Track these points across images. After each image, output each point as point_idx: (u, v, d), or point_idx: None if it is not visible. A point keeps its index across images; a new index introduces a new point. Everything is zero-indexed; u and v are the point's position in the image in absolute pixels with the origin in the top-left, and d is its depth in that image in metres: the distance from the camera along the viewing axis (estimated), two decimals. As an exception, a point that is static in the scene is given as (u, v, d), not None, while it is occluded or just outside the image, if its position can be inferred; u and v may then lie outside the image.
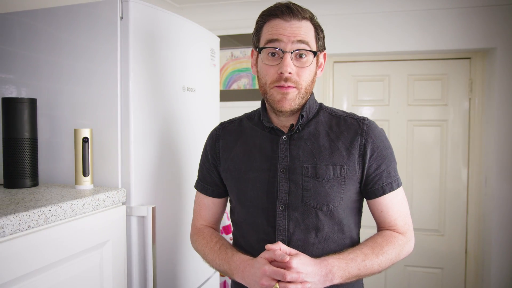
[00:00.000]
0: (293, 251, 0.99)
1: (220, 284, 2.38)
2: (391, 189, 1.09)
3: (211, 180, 1.23)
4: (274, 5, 1.05)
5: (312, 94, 1.14)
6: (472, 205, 2.73)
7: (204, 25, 1.72)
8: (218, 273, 1.91)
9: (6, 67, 1.41)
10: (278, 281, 0.93)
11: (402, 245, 1.08)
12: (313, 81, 1.09)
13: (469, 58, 2.72)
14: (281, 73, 1.02)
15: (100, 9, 1.28)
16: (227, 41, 2.90)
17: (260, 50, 1.07)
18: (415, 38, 2.63)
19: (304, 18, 1.04)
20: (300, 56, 1.04)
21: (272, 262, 0.97)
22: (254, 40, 1.12)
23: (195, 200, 1.29)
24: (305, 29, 1.03)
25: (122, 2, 1.25)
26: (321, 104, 1.17)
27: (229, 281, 2.57)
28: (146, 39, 1.32)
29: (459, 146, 2.75)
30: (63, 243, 1.00)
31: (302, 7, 1.06)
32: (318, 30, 1.08)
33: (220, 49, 1.93)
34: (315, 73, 1.09)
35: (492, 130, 2.55)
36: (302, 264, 0.95)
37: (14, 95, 1.41)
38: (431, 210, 2.79)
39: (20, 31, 1.39)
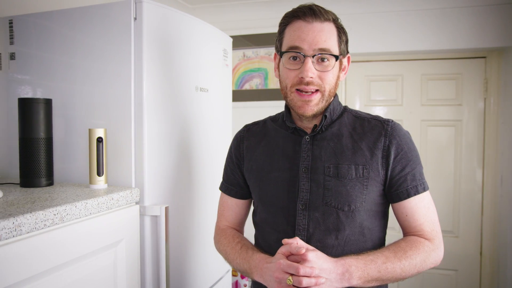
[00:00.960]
0: (310, 247, 0.97)
1: (232, 284, 2.38)
2: (416, 192, 1.06)
3: (235, 181, 1.24)
4: (297, 7, 1.05)
5: (336, 96, 1.13)
6: (487, 206, 2.69)
7: (216, 25, 1.72)
8: (230, 273, 1.91)
9: (22, 68, 1.43)
10: (292, 275, 0.92)
11: (428, 251, 1.03)
12: (336, 84, 1.08)
13: (484, 57, 2.68)
14: (302, 77, 1.02)
15: (114, 10, 1.29)
16: (239, 41, 2.90)
17: (282, 54, 1.07)
18: (429, 37, 2.60)
19: (326, 20, 1.03)
20: (322, 60, 1.03)
21: (289, 256, 0.96)
22: (277, 44, 1.12)
23: (219, 201, 1.30)
24: (327, 33, 1.02)
25: (136, 3, 1.26)
26: (345, 106, 1.16)
27: (240, 281, 2.57)
28: (160, 40, 1.33)
29: (474, 146, 2.71)
30: (78, 242, 1.01)
31: (326, 9, 1.05)
32: (341, 32, 1.06)
33: (232, 49, 1.93)
34: (338, 76, 1.08)
35: (508, 130, 2.51)
36: (318, 259, 0.93)
37: (29, 95, 1.43)
38: (445, 211, 2.76)
39: (35, 33, 1.41)
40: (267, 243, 1.14)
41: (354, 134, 1.09)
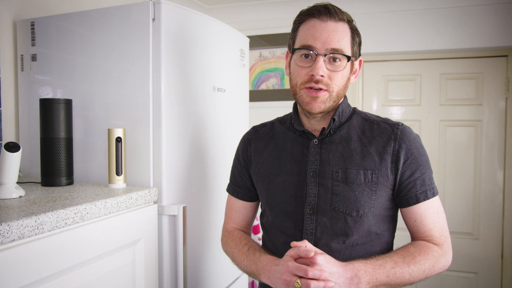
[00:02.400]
0: (318, 250, 0.97)
1: (249, 284, 2.38)
2: (426, 197, 1.04)
3: (242, 183, 1.24)
4: (313, 5, 1.05)
5: (345, 98, 1.13)
6: (508, 208, 2.63)
7: (233, 26, 1.73)
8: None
9: (43, 69, 1.46)
10: (301, 277, 0.91)
11: (437, 257, 1.02)
12: (345, 86, 1.07)
13: (505, 55, 2.62)
14: (312, 75, 1.01)
15: (133, 12, 1.30)
16: (256, 41, 2.90)
17: (293, 51, 1.07)
18: (448, 36, 2.56)
19: (341, 20, 1.02)
20: (334, 60, 1.02)
21: (297, 259, 0.95)
22: (289, 42, 1.11)
23: (226, 203, 1.30)
24: (341, 33, 1.02)
25: (154, 4, 1.27)
26: (354, 108, 1.15)
27: (257, 282, 2.57)
28: (178, 40, 1.33)
29: (495, 147, 2.66)
30: (97, 240, 1.03)
31: (341, 9, 1.04)
32: (355, 34, 1.05)
33: (249, 49, 1.93)
34: (348, 78, 1.07)
35: (530, 131, 2.45)
36: (327, 263, 0.92)
37: (50, 96, 1.45)
38: (465, 212, 2.71)
39: (56, 34, 1.43)
40: (275, 246, 1.13)
41: (363, 137, 1.07)
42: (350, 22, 1.05)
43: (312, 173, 1.07)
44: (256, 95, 2.97)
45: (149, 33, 1.27)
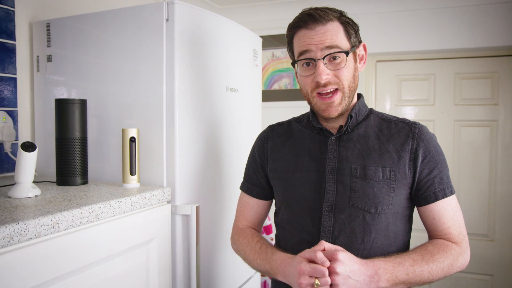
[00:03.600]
0: (338, 247, 0.96)
1: (261, 283, 2.38)
2: (444, 195, 1.04)
3: (257, 181, 1.23)
4: (297, 15, 1.06)
5: (362, 97, 1.14)
6: (524, 209, 2.59)
7: (245, 26, 1.73)
8: (259, 273, 1.91)
9: (58, 70, 1.48)
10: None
11: (456, 255, 1.02)
12: (355, 77, 1.07)
13: (522, 55, 2.58)
14: (317, 81, 1.03)
15: (146, 12, 1.31)
16: (268, 41, 2.90)
17: (294, 64, 1.10)
18: (463, 35, 2.53)
19: (329, 20, 1.03)
20: (334, 58, 1.03)
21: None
22: (290, 55, 1.14)
23: (238, 201, 1.30)
24: (332, 32, 1.02)
25: (168, 5, 1.28)
26: (371, 109, 1.16)
27: (269, 281, 2.56)
28: (191, 41, 1.34)
29: (511, 147, 2.62)
30: (112, 239, 1.03)
31: (326, 9, 1.04)
32: (348, 26, 1.05)
33: (262, 49, 1.93)
34: (355, 69, 1.07)
35: (547, 131, 2.41)
36: (348, 260, 0.92)
37: (65, 96, 1.47)
38: (480, 214, 2.68)
39: (71, 35, 1.45)
40: (289, 244, 1.13)
41: (381, 136, 1.08)
42: (339, 17, 1.05)
43: (330, 170, 1.07)
44: (269, 95, 2.96)
45: (163, 33, 1.28)
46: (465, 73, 2.69)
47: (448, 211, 1.05)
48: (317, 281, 0.90)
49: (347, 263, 0.91)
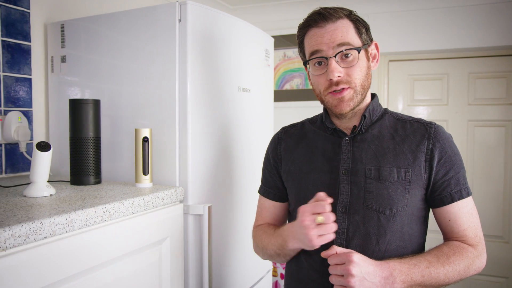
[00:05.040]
0: (352, 251, 0.95)
1: (273, 283, 2.38)
2: (461, 197, 1.02)
3: (273, 184, 1.23)
4: (308, 15, 1.06)
5: (376, 97, 1.13)
6: (540, 211, 2.55)
7: (257, 26, 1.73)
8: (270, 273, 1.91)
9: (72, 70, 1.49)
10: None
11: (472, 258, 1.00)
12: (367, 76, 1.06)
13: (538, 53, 2.54)
14: (330, 79, 1.02)
15: (159, 13, 1.32)
16: (280, 41, 2.90)
17: (306, 63, 1.10)
18: (477, 34, 2.50)
19: (339, 18, 1.02)
20: (346, 56, 1.02)
21: (331, 267, 0.95)
22: (301, 56, 1.14)
23: (257, 203, 1.29)
24: (342, 29, 1.02)
25: (180, 5, 1.28)
26: (386, 109, 1.14)
27: (280, 282, 2.56)
28: (203, 41, 1.34)
29: (526, 147, 2.58)
30: (125, 238, 1.04)
31: (335, 7, 1.04)
32: (358, 24, 1.05)
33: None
34: (368, 67, 1.07)
35: None
36: (363, 261, 0.91)
37: (78, 96, 1.48)
38: (494, 215, 2.64)
39: (84, 36, 1.46)
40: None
41: (396, 136, 1.07)
42: (349, 15, 1.04)
43: (344, 171, 1.06)
44: (280, 95, 2.96)
45: (175, 33, 1.28)
46: (479, 73, 2.66)
47: (464, 213, 1.03)
48: (319, 218, 0.91)
49: (362, 265, 0.91)
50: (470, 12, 2.50)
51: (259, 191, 1.28)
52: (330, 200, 0.94)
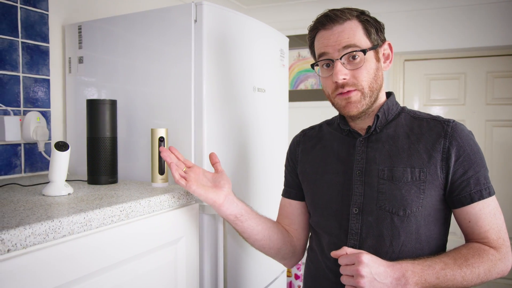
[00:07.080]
0: (362, 251, 0.93)
1: (287, 284, 2.37)
2: (481, 197, 0.99)
3: (293, 183, 1.24)
4: (316, 18, 1.07)
5: (392, 95, 1.11)
6: (561, 213, 2.50)
7: (271, 26, 1.73)
8: (285, 274, 1.90)
9: (89, 71, 1.51)
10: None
11: (494, 260, 0.96)
12: (376, 78, 1.04)
13: (558, 52, 2.49)
14: (335, 81, 1.02)
15: (175, 14, 1.32)
16: (294, 41, 2.89)
17: (314, 66, 1.10)
18: (495, 33, 2.46)
19: (346, 19, 1.01)
20: (353, 58, 1.01)
21: (342, 267, 0.93)
22: (313, 57, 1.14)
23: (279, 205, 1.29)
24: (349, 31, 1.01)
25: (196, 6, 1.29)
26: (403, 107, 1.13)
27: (294, 282, 2.55)
28: (219, 41, 1.34)
29: (546, 148, 2.53)
30: (141, 238, 1.05)
31: (344, 9, 1.03)
32: (368, 24, 1.03)
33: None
34: (377, 68, 1.05)
35: None
36: (373, 262, 0.90)
37: (95, 97, 1.50)
38: (513, 217, 2.59)
39: (101, 37, 1.48)
40: (321, 246, 1.12)
41: (412, 135, 1.05)
42: (358, 16, 1.03)
43: (358, 172, 1.06)
44: (295, 95, 2.95)
45: (191, 34, 1.29)
46: (498, 72, 2.62)
47: (486, 214, 0.99)
48: None
49: (372, 265, 0.89)
50: (488, 10, 2.46)
51: (282, 194, 1.29)
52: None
